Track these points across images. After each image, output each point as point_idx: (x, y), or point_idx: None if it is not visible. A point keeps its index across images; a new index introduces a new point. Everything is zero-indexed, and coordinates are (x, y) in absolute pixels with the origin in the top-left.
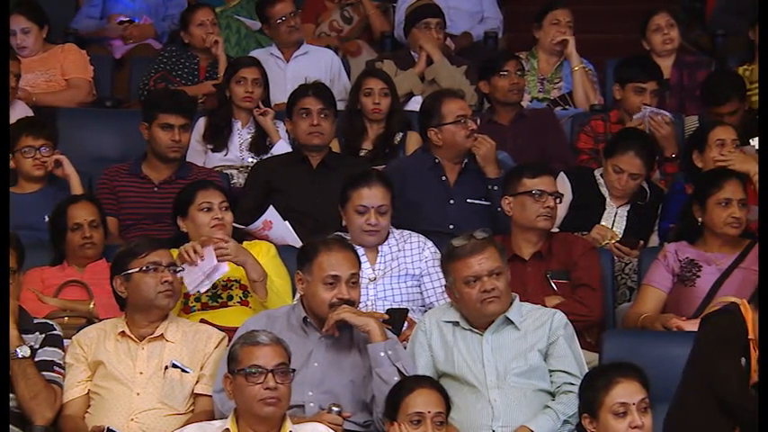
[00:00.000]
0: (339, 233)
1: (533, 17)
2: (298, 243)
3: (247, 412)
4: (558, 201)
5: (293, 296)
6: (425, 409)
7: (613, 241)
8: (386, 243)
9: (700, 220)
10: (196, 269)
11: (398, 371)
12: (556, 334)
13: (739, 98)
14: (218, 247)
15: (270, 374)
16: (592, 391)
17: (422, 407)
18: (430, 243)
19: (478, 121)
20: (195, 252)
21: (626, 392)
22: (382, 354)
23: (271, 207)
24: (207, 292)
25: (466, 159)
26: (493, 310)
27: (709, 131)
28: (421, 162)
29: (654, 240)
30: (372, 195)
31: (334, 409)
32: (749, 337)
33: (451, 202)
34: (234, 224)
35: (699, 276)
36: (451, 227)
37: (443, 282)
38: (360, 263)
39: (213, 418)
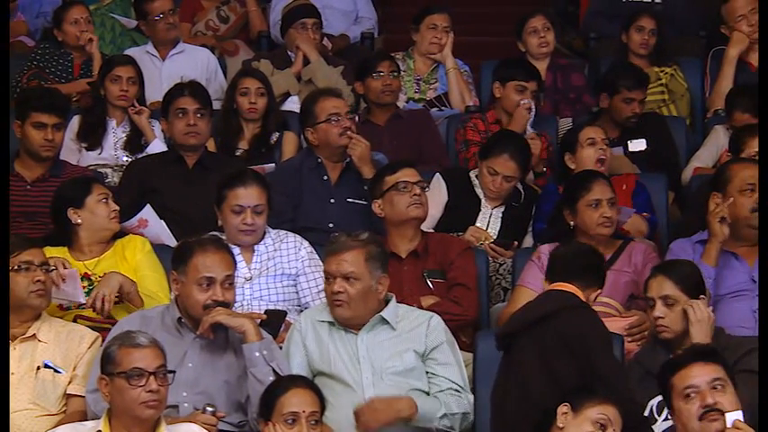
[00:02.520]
0: (215, 233)
1: (410, 18)
2: (173, 242)
3: (125, 414)
4: (425, 189)
5: (171, 290)
6: (300, 408)
7: (488, 242)
8: (262, 243)
9: (571, 223)
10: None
11: (273, 371)
12: (438, 339)
13: (644, 89)
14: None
15: (152, 377)
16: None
17: (296, 406)
18: (306, 243)
19: (356, 119)
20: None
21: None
22: (257, 354)
23: (147, 206)
24: (85, 288)
25: (347, 159)
26: (338, 314)
27: (579, 132)
28: (305, 162)
29: (528, 241)
30: (248, 195)
31: (209, 409)
32: None
33: (332, 201)
34: None
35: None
36: (331, 225)
37: (319, 282)
38: (235, 264)
39: (86, 419)
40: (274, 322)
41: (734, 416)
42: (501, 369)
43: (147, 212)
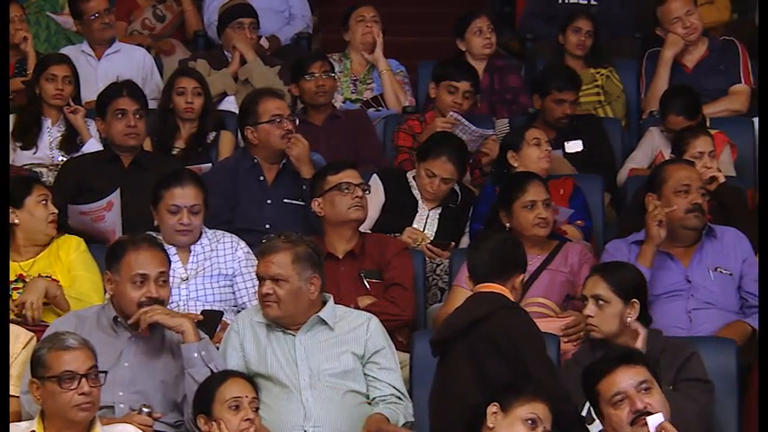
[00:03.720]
0: (151, 233)
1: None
2: (119, 235)
3: (58, 417)
4: (366, 191)
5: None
6: (242, 393)
7: (425, 243)
8: (198, 243)
9: (507, 225)
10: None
11: (211, 372)
12: (379, 343)
13: (576, 90)
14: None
15: (83, 379)
16: None
17: (238, 392)
18: (243, 243)
19: (297, 122)
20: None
21: None
22: (196, 354)
23: (118, 190)
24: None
25: (284, 160)
26: (268, 314)
27: (525, 131)
28: (241, 161)
29: (465, 242)
30: (185, 195)
31: (145, 410)
32: None
33: (269, 201)
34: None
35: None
36: (268, 226)
37: (256, 282)
38: (169, 261)
39: (20, 419)
40: (211, 323)
41: (656, 420)
42: (437, 375)
43: (116, 196)
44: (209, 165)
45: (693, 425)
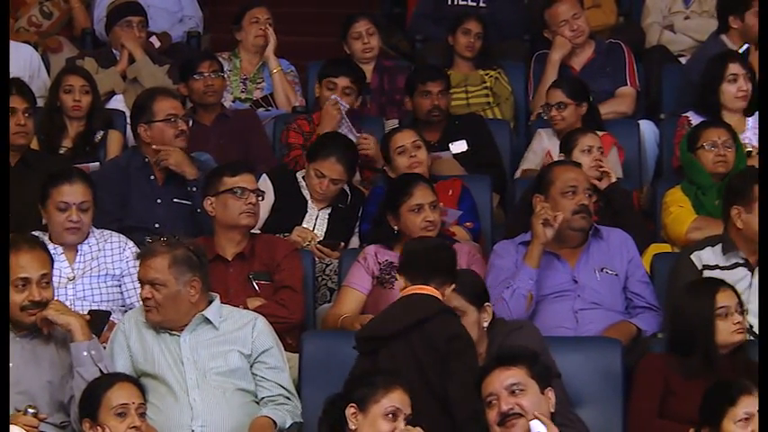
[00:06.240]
0: (37, 232)
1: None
2: None
3: None
4: (260, 198)
5: None
6: (129, 400)
7: (314, 243)
8: (86, 242)
9: (395, 228)
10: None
11: (100, 371)
12: (267, 343)
13: (441, 81)
14: None
15: None
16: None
17: (125, 398)
18: (131, 243)
19: (190, 123)
20: None
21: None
22: (85, 353)
23: None
24: None
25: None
26: (148, 318)
27: (389, 141)
28: (132, 160)
29: (354, 242)
30: (74, 192)
31: (30, 410)
32: None
33: (159, 201)
34: None
35: (397, 279)
36: (157, 225)
37: None
38: (52, 261)
39: None
40: (98, 323)
41: (537, 427)
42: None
43: None
44: (97, 164)
45: None
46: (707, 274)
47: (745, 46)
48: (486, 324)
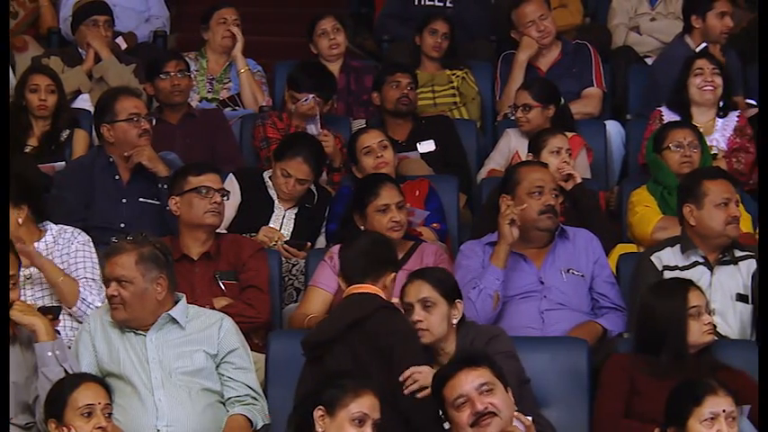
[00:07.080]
0: None
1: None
2: None
3: None
4: (225, 197)
5: None
6: (95, 400)
7: (281, 242)
8: (42, 240)
9: (362, 228)
10: None
11: (65, 371)
12: (233, 343)
13: (408, 74)
14: None
15: None
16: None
17: (91, 399)
18: (82, 236)
19: (153, 122)
20: None
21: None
22: (50, 353)
23: None
24: None
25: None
26: (114, 316)
27: (355, 142)
28: (97, 160)
29: (321, 242)
30: None
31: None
32: None
33: (124, 201)
34: None
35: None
36: (123, 225)
37: (88, 268)
38: (19, 263)
39: None
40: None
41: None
42: (309, 377)
43: None
44: (63, 163)
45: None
46: (667, 274)
47: (703, 44)
48: (455, 321)
